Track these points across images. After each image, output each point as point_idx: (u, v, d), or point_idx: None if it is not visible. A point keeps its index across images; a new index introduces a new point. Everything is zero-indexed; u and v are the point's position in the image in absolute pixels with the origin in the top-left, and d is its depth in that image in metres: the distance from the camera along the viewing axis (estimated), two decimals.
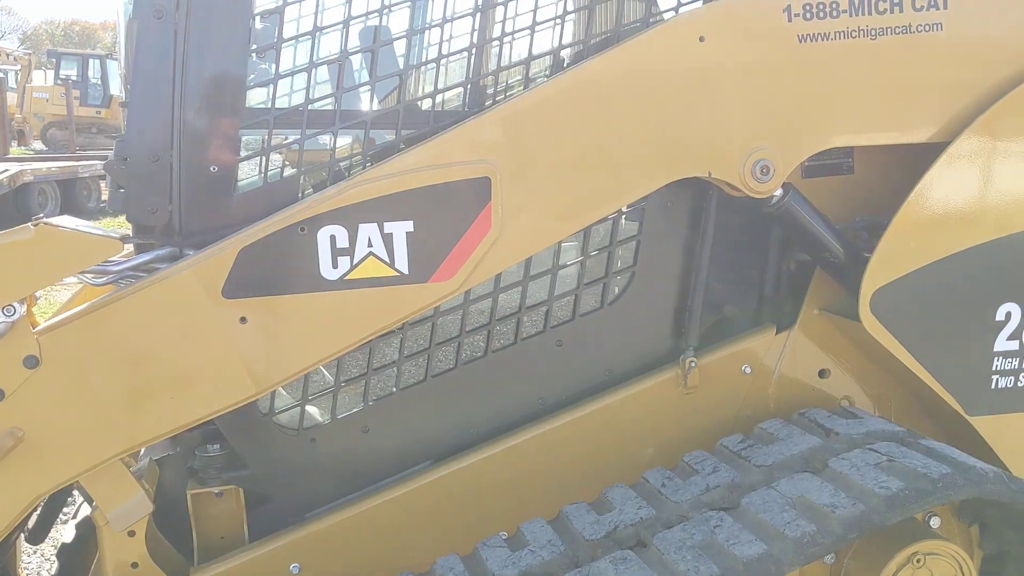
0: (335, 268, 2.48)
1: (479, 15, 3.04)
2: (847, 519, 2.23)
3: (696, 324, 2.94)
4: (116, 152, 2.52)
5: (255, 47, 2.57)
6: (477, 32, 3.09)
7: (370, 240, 2.48)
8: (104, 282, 2.47)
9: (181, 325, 2.44)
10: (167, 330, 2.44)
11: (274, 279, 2.47)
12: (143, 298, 2.41)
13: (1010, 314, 2.79)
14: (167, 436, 2.62)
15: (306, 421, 2.80)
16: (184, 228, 2.52)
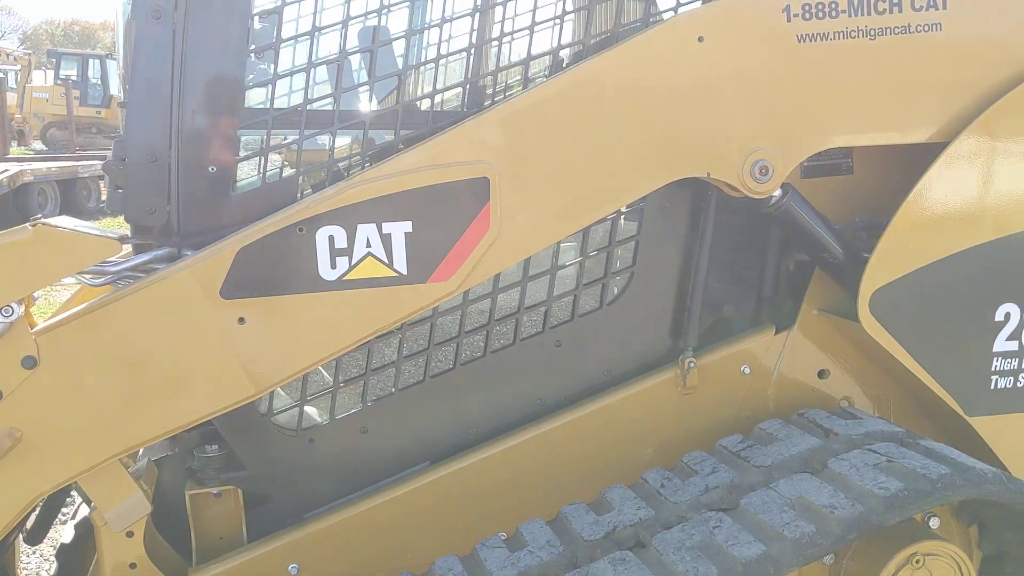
0: (333, 268, 2.47)
1: (478, 15, 3.03)
2: (846, 520, 2.22)
3: (695, 324, 2.94)
4: (114, 152, 2.53)
5: (253, 47, 2.57)
6: (476, 32, 3.09)
7: (369, 240, 2.48)
8: (102, 282, 2.47)
9: (179, 325, 2.44)
10: (165, 331, 2.44)
11: (272, 279, 2.46)
12: (141, 299, 2.40)
13: (1009, 314, 2.79)
14: (165, 437, 2.62)
15: (305, 422, 2.79)
16: (182, 228, 2.52)
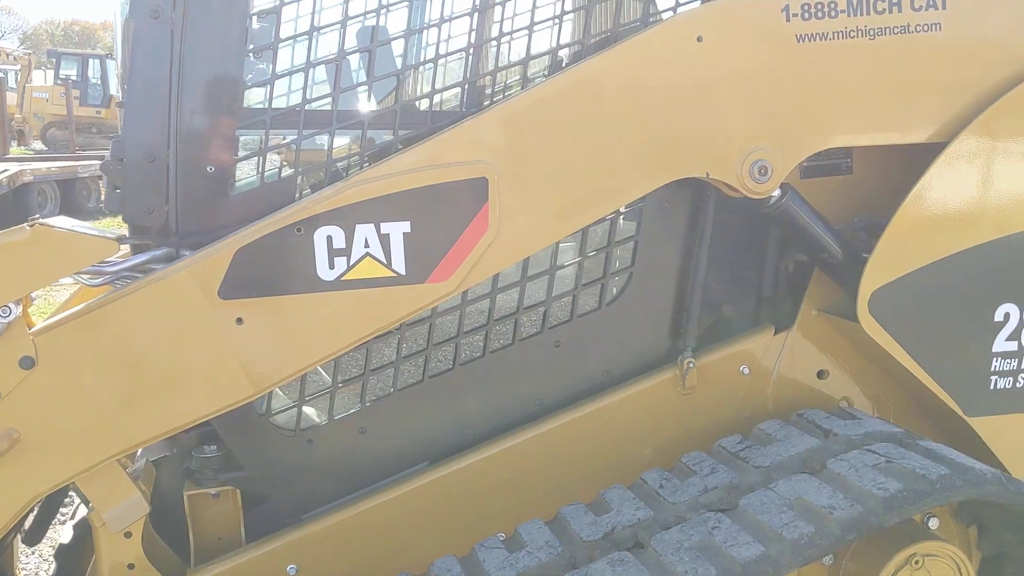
0: (332, 269, 2.47)
1: (477, 15, 3.03)
2: (845, 520, 2.22)
3: (694, 325, 2.93)
4: (112, 152, 2.52)
5: (252, 47, 2.56)
6: (475, 32, 3.08)
7: (367, 241, 2.47)
8: (100, 283, 2.46)
9: (177, 326, 2.44)
10: (163, 331, 2.44)
11: (270, 280, 2.46)
12: (139, 299, 2.40)
13: (1008, 315, 2.79)
14: (164, 437, 2.61)
15: (303, 422, 2.79)
16: (180, 228, 2.52)
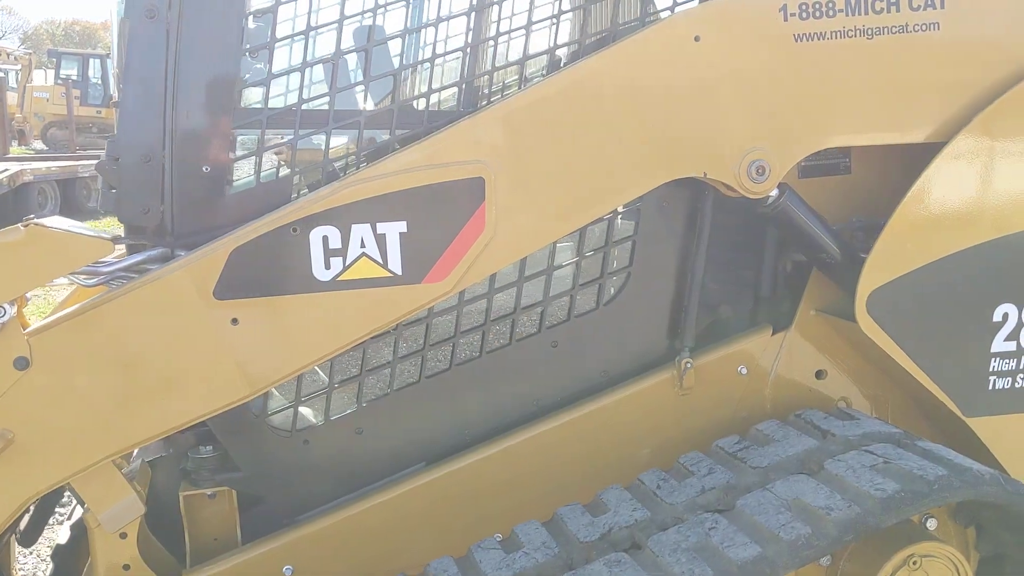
0: (328, 269, 2.46)
1: (474, 15, 3.02)
2: (842, 521, 2.21)
3: (692, 325, 2.92)
4: (108, 152, 2.51)
5: (248, 47, 2.55)
6: (472, 32, 3.08)
7: (363, 241, 2.47)
8: (95, 283, 2.46)
9: (173, 326, 2.43)
10: (159, 331, 2.43)
11: (266, 280, 2.45)
12: (134, 299, 2.39)
13: (1007, 315, 2.78)
14: (159, 438, 2.61)
15: (299, 422, 2.78)
16: (176, 229, 2.51)
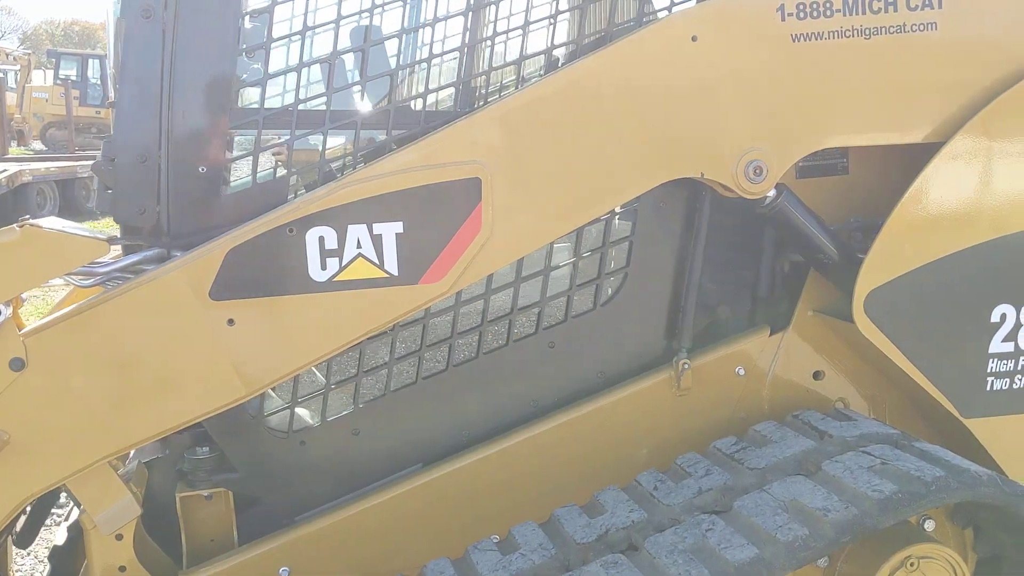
0: (324, 269, 2.46)
1: (471, 15, 3.02)
2: (839, 523, 2.21)
3: (689, 325, 2.92)
4: (104, 153, 2.51)
5: (244, 47, 2.55)
6: (468, 32, 3.07)
7: (359, 241, 2.46)
8: (91, 284, 2.46)
9: (169, 327, 2.43)
10: (155, 332, 2.42)
11: (262, 281, 2.45)
12: (130, 300, 2.39)
13: (1005, 315, 2.77)
14: (156, 438, 2.61)
15: (296, 423, 2.78)
16: (172, 229, 2.51)
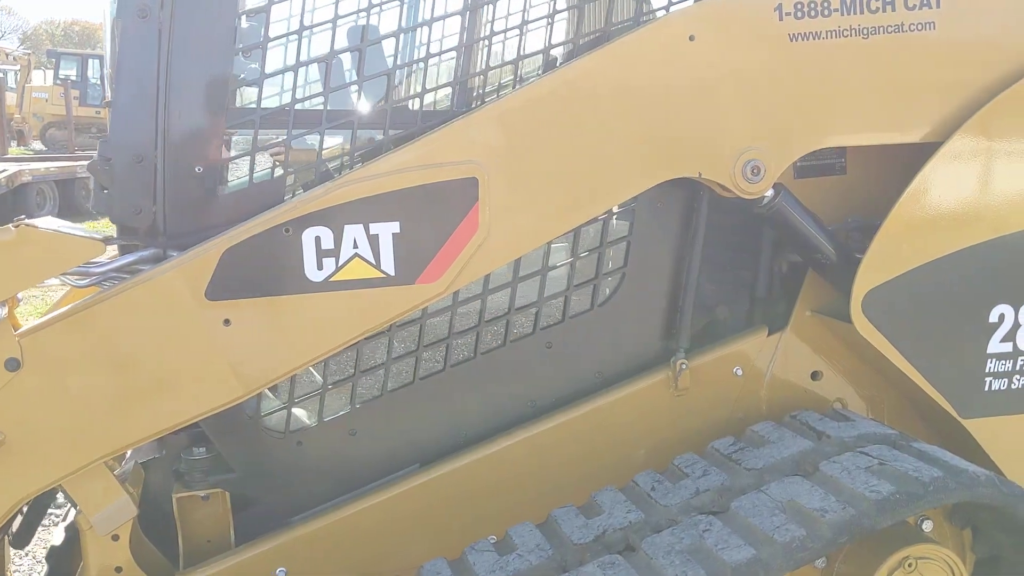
0: (320, 270, 2.45)
1: (468, 14, 3.01)
2: (837, 523, 2.20)
3: (687, 326, 2.91)
4: (100, 152, 2.51)
5: (240, 46, 2.54)
6: (465, 31, 3.07)
7: (355, 241, 2.46)
8: (87, 284, 2.45)
9: (165, 327, 2.42)
10: (151, 332, 2.42)
11: (258, 281, 2.44)
12: (126, 300, 2.38)
13: (1003, 316, 2.77)
14: (152, 439, 2.60)
15: (293, 424, 2.77)
16: (168, 229, 2.50)
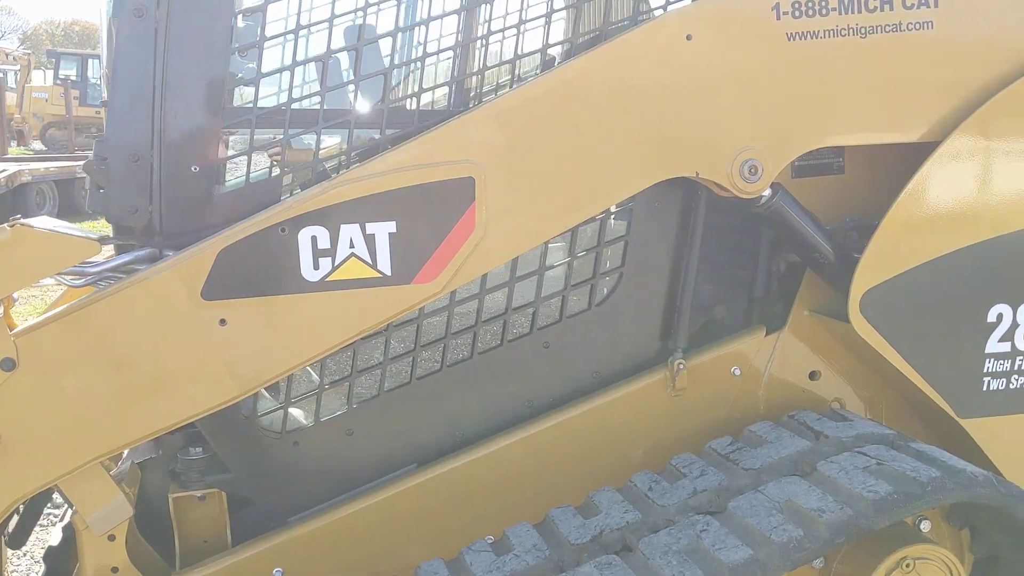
0: (316, 269, 2.45)
1: (465, 14, 3.01)
2: (834, 523, 2.20)
3: (685, 325, 2.91)
4: (96, 152, 2.50)
5: (236, 46, 2.54)
6: (462, 31, 3.07)
7: (352, 241, 2.45)
8: (83, 283, 2.45)
9: (161, 327, 2.42)
10: (147, 332, 2.41)
11: (254, 280, 2.43)
12: (122, 300, 2.38)
13: (1002, 315, 2.76)
14: (148, 439, 2.59)
15: (289, 424, 2.77)
16: (165, 229, 2.50)
